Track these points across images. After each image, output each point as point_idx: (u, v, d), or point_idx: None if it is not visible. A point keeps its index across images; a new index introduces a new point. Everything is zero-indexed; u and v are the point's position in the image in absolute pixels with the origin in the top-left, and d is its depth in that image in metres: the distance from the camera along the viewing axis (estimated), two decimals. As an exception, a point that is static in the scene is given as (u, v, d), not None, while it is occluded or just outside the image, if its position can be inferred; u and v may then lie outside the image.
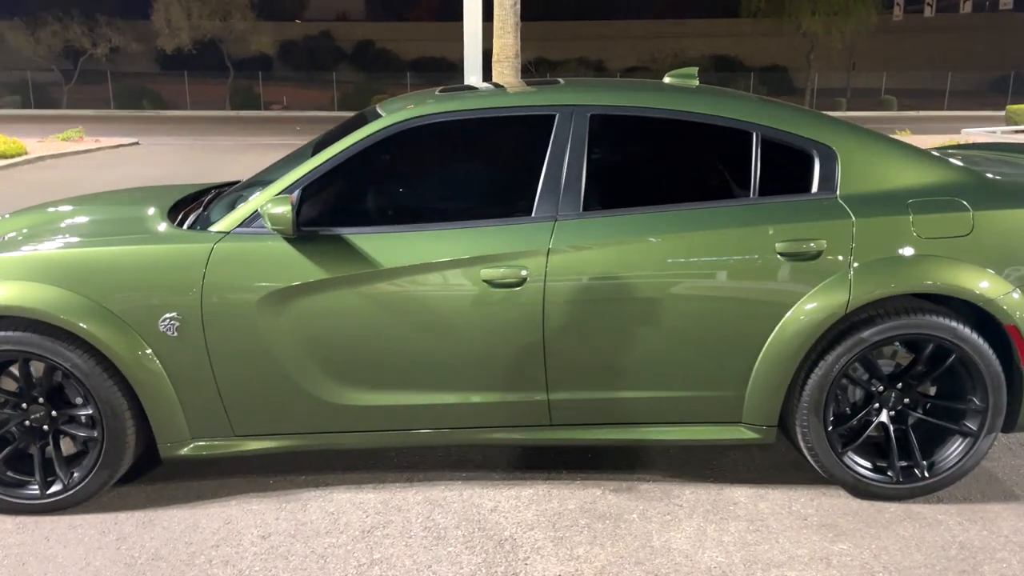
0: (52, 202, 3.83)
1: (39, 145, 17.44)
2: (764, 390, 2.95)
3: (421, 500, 3.06)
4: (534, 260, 2.86)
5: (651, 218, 2.92)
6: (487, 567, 2.65)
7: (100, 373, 2.88)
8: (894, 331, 2.87)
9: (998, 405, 2.93)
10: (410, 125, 3.02)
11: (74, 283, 2.85)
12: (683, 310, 2.90)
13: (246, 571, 2.65)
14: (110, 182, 11.27)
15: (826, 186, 2.96)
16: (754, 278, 2.88)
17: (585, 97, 3.07)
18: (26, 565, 2.70)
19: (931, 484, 3.01)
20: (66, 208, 3.65)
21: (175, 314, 2.86)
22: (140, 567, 2.68)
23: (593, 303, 2.89)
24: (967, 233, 2.87)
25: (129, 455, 3.00)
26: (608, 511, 2.98)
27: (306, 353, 2.91)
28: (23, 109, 31.71)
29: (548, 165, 2.97)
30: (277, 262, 2.87)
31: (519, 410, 3.02)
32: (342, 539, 2.82)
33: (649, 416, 3.05)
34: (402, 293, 2.88)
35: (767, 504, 3.02)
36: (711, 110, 3.04)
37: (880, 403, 3.00)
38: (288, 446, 3.06)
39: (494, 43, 8.68)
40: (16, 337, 2.85)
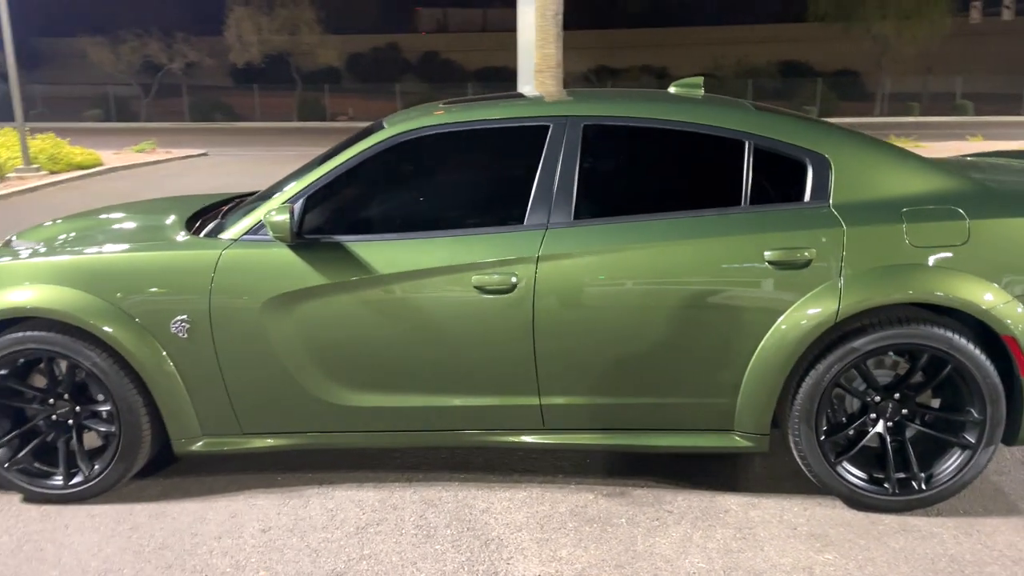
0: (88, 211, 4.07)
1: (114, 157, 18.26)
2: (755, 398, 2.96)
3: (417, 499, 3.15)
4: (524, 267, 2.93)
5: (641, 227, 2.96)
6: (469, 565, 2.73)
7: (118, 372, 3.06)
8: (887, 341, 2.84)
9: (996, 417, 2.87)
10: (408, 137, 3.13)
11: (94, 287, 3.05)
12: (672, 318, 2.93)
13: (243, 562, 2.78)
14: (175, 191, 11.75)
15: (819, 195, 2.96)
16: (743, 287, 2.90)
17: (578, 108, 3.14)
18: (43, 551, 2.89)
19: (928, 496, 2.96)
20: (98, 216, 3.88)
21: (186, 317, 3.03)
22: (147, 555, 2.84)
23: (582, 310, 2.95)
24: (963, 242, 2.83)
25: (145, 450, 3.18)
26: (597, 515, 3.02)
27: (307, 355, 3.04)
28: (105, 122, 33.17)
29: (541, 174, 3.04)
30: (280, 268, 3.01)
31: (512, 414, 3.09)
32: (336, 534, 2.93)
33: (641, 422, 3.08)
34: (397, 298, 2.99)
35: (758, 512, 3.02)
36: (703, 119, 3.07)
37: (877, 413, 2.98)
38: (292, 445, 3.19)
39: (536, 53, 8.78)
40: (42, 337, 3.06)
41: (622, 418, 3.08)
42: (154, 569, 2.76)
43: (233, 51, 33.86)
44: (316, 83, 36.82)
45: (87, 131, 28.34)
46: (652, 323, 2.94)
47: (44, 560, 2.83)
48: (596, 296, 2.94)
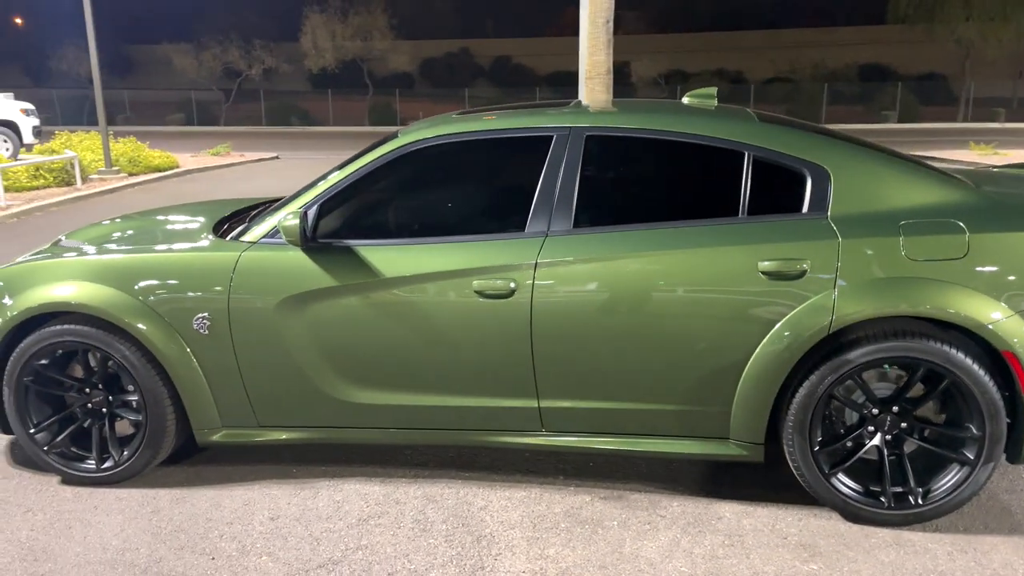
0: (134, 213, 4.34)
1: (191, 159, 19.05)
2: (749, 407, 2.98)
3: (420, 495, 3.28)
4: (522, 273, 3.03)
5: (639, 235, 3.03)
6: (458, 559, 2.83)
7: (145, 365, 3.28)
8: (882, 354, 2.84)
9: (995, 434, 2.83)
10: (419, 147, 3.26)
11: (125, 285, 3.27)
12: (667, 325, 2.98)
13: (248, 547, 2.95)
14: (244, 193, 12.22)
15: (817, 206, 2.97)
16: (737, 296, 2.93)
17: (581, 119, 3.21)
18: (72, 528, 3.11)
19: (924, 512, 2.94)
20: (141, 218, 4.13)
21: (207, 314, 3.22)
22: (163, 536, 3.04)
23: (579, 316, 3.02)
24: (962, 256, 2.80)
25: (170, 438, 3.38)
26: (591, 517, 3.09)
27: (318, 353, 3.20)
28: (186, 126, 34.60)
29: (542, 183, 3.13)
30: (293, 270, 3.17)
31: (512, 416, 3.18)
32: (339, 525, 3.08)
33: (637, 427, 3.14)
34: (401, 301, 3.12)
35: (751, 521, 3.04)
36: (703, 131, 3.11)
37: (874, 426, 2.96)
38: (305, 439, 3.35)
39: (587, 60, 8.84)
40: (78, 330, 3.29)
41: (619, 423, 3.14)
42: (168, 550, 2.95)
43: (308, 57, 34.89)
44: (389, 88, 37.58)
45: (170, 135, 29.59)
46: (647, 330, 2.99)
47: (71, 537, 3.05)
48: (592, 302, 3.01)
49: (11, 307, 3.34)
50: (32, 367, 3.35)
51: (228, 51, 35.01)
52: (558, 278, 3.02)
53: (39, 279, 3.38)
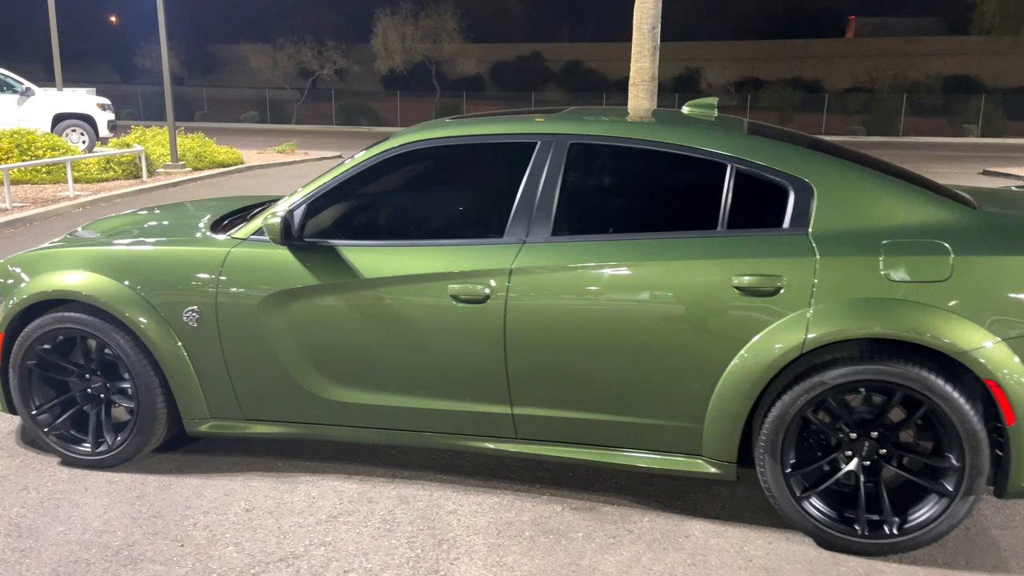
0: (148, 207, 4.49)
1: (257, 156, 19.59)
2: (721, 424, 2.92)
3: (394, 495, 3.30)
4: (497, 279, 3.03)
5: (615, 245, 2.99)
6: (415, 561, 2.85)
7: (138, 354, 3.39)
8: (857, 376, 2.74)
9: (976, 466, 2.71)
10: (405, 150, 3.29)
11: (122, 276, 3.39)
12: (640, 338, 2.94)
13: (218, 537, 3.02)
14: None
15: (799, 222, 2.89)
16: (710, 311, 2.87)
17: (565, 127, 3.19)
18: (59, 508, 3.24)
19: (899, 543, 2.82)
20: (151, 212, 4.28)
21: (196, 308, 3.32)
22: (141, 521, 3.13)
23: (552, 324, 3.00)
24: (945, 278, 2.69)
25: (161, 427, 3.49)
26: (558, 527, 3.07)
27: (299, 350, 3.26)
28: (260, 124, 35.56)
29: (523, 189, 3.13)
30: (276, 268, 3.24)
31: (486, 421, 3.18)
32: (309, 520, 3.13)
33: (611, 439, 3.10)
34: (379, 302, 3.15)
35: (720, 541, 2.97)
36: (687, 141, 3.05)
37: (851, 451, 2.87)
38: (286, 433, 3.42)
39: (631, 67, 8.76)
40: (77, 318, 3.42)
41: (592, 434, 3.11)
42: (142, 534, 3.04)
43: (378, 58, 35.47)
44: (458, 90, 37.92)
45: (243, 131, 30.48)
46: (619, 342, 2.95)
47: (57, 516, 3.17)
48: (565, 311, 2.99)
49: (18, 292, 3.49)
50: (35, 351, 3.50)
51: (302, 51, 35.90)
52: (532, 285, 3.00)
53: (45, 267, 3.53)
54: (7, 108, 16.26)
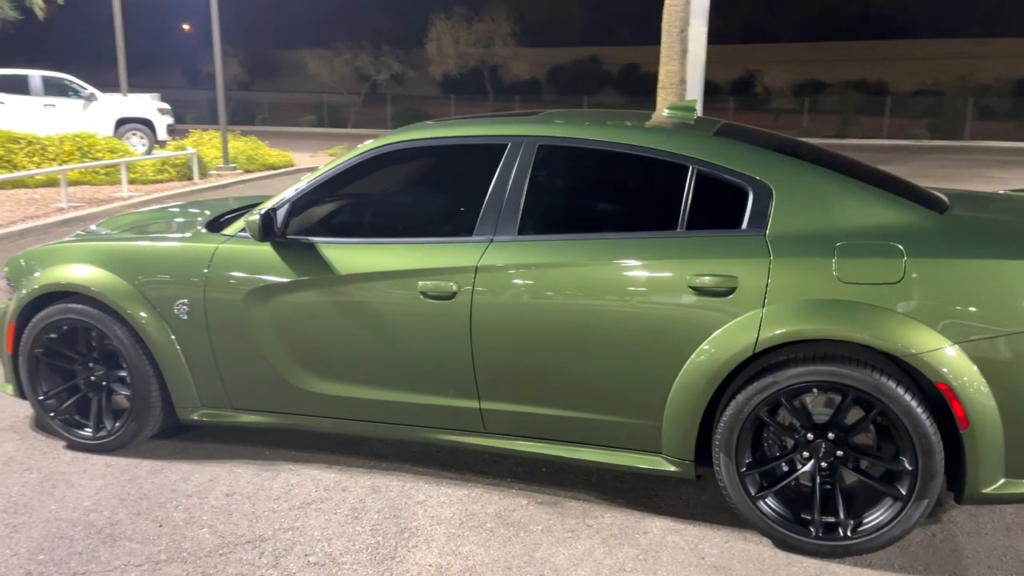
0: (161, 206, 4.70)
1: (308, 158, 20.04)
2: (677, 423, 2.95)
3: (368, 485, 3.41)
4: (463, 276, 3.11)
5: (578, 245, 3.05)
6: (374, 548, 2.95)
7: (134, 344, 3.58)
8: (809, 377, 2.75)
9: (928, 470, 2.69)
10: (382, 151, 3.41)
11: (121, 270, 3.58)
12: (599, 336, 2.99)
13: (195, 519, 3.17)
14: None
15: (757, 223, 2.90)
16: (667, 310, 2.90)
17: (535, 128, 3.26)
18: (56, 488, 3.44)
19: (852, 545, 2.81)
20: (160, 210, 4.49)
21: (187, 301, 3.48)
22: (128, 502, 3.31)
23: (515, 321, 3.08)
24: (897, 280, 2.68)
25: (155, 414, 3.67)
26: (519, 520, 3.14)
27: (279, 343, 3.39)
28: (317, 128, 36.32)
29: (493, 189, 3.21)
30: (259, 263, 3.39)
31: (456, 415, 3.27)
32: (283, 506, 3.26)
33: (575, 436, 3.16)
34: (353, 297, 3.27)
35: (676, 538, 3.00)
36: (651, 143, 3.10)
37: (807, 452, 2.87)
38: (269, 423, 3.56)
39: (660, 70, 8.75)
40: (80, 309, 3.63)
41: (557, 429, 3.17)
42: (127, 515, 3.21)
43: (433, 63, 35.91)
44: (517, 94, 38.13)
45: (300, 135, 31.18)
46: (580, 339, 3.01)
47: (52, 496, 3.37)
48: (527, 308, 3.06)
49: (28, 284, 3.72)
50: (42, 340, 3.72)
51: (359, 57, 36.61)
52: (496, 283, 3.08)
53: (53, 261, 3.74)
54: (72, 113, 17.02)
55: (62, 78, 17.45)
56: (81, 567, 2.87)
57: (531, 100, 38.51)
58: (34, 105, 16.75)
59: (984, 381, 2.61)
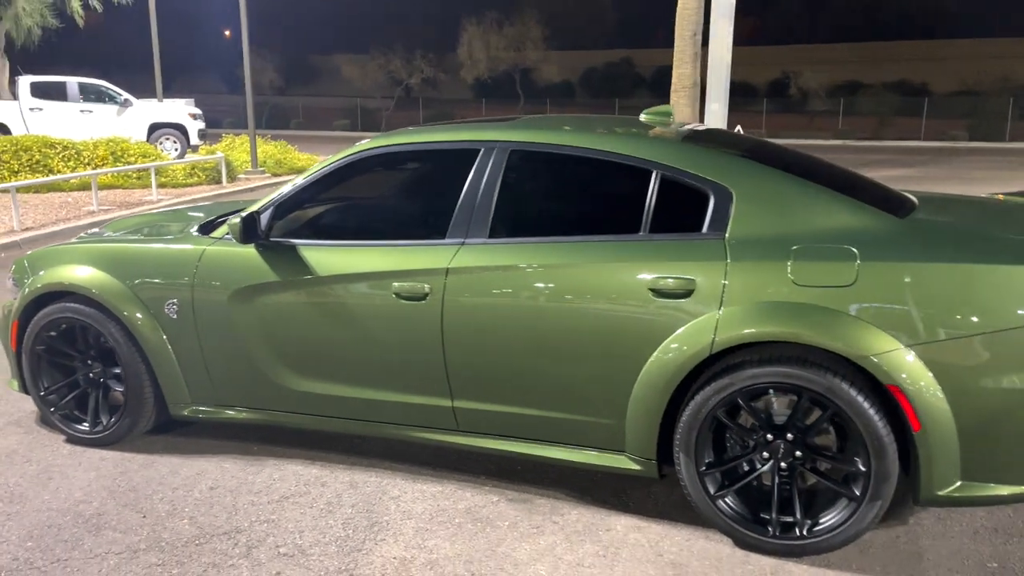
0: (163, 209, 4.86)
1: (337, 162, 20.29)
2: (639, 422, 3.01)
3: (346, 481, 3.52)
4: (434, 278, 3.20)
5: (544, 248, 3.12)
6: (343, 540, 3.05)
7: (128, 342, 3.72)
8: (764, 378, 2.79)
9: (881, 472, 2.71)
10: (364, 156, 3.51)
11: (115, 270, 3.73)
12: (564, 336, 3.05)
13: (179, 510, 3.30)
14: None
15: (717, 226, 2.95)
16: (628, 312, 2.96)
17: (507, 134, 3.34)
18: (51, 480, 3.59)
19: (808, 545, 2.84)
20: (161, 213, 4.64)
21: (176, 300, 3.62)
22: (117, 494, 3.45)
23: (483, 321, 3.15)
24: (850, 283, 2.71)
25: (148, 410, 3.81)
26: (487, 516, 3.21)
27: (262, 341, 3.51)
28: (351, 132, 36.76)
29: (465, 193, 3.29)
30: (243, 265, 3.51)
31: (430, 413, 3.36)
32: (263, 499, 3.37)
33: (543, 434, 3.23)
34: (331, 298, 3.37)
35: (639, 536, 3.06)
36: (617, 148, 3.16)
37: (767, 452, 2.90)
38: (255, 419, 3.68)
39: (673, 72, 8.75)
40: (77, 308, 3.79)
41: (526, 428, 3.24)
42: (114, 505, 3.35)
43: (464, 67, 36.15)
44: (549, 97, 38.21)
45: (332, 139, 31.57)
46: (546, 340, 3.08)
47: (46, 487, 3.53)
48: (496, 310, 3.13)
49: (31, 284, 3.88)
50: (43, 338, 3.88)
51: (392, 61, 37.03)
52: (465, 285, 3.16)
53: (55, 261, 3.91)
54: (108, 118, 17.49)
55: (98, 84, 17.94)
56: (65, 554, 3.01)
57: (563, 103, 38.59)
58: (71, 111, 17.25)
59: (937, 384, 2.63)
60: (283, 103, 39.12)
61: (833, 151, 27.59)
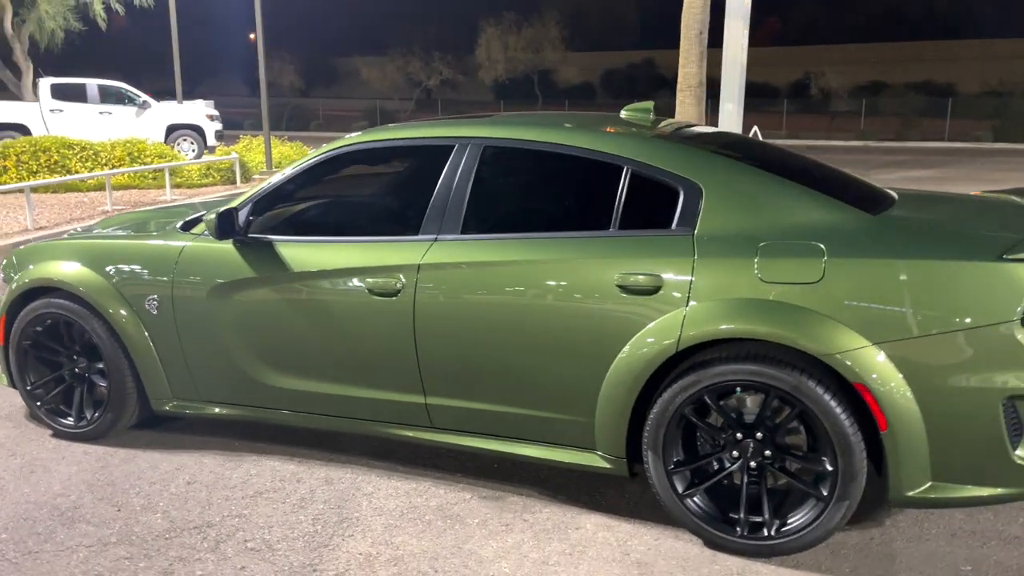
0: (158, 206, 4.90)
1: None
2: (608, 420, 2.98)
3: (322, 477, 3.52)
4: (407, 274, 3.20)
5: (515, 244, 3.11)
6: (310, 536, 3.05)
7: (110, 337, 3.76)
8: (731, 376, 2.75)
9: (848, 471, 2.67)
10: (341, 152, 3.52)
11: (98, 266, 3.76)
12: (534, 333, 3.03)
13: (154, 504, 3.32)
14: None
15: (686, 222, 2.92)
16: (596, 308, 2.94)
17: (480, 130, 3.33)
18: (34, 473, 3.63)
19: (775, 546, 2.81)
20: (154, 211, 4.68)
21: (156, 296, 3.65)
22: (95, 488, 3.48)
23: (454, 318, 3.14)
24: (817, 280, 2.67)
25: (132, 405, 3.84)
26: (459, 513, 3.20)
27: (240, 337, 3.53)
28: (370, 132, 36.93)
29: (439, 189, 3.29)
30: (221, 261, 3.53)
31: (403, 410, 3.35)
32: (237, 495, 3.38)
33: (515, 431, 3.21)
34: (306, 294, 3.38)
35: (607, 535, 3.03)
36: (588, 144, 3.14)
37: (736, 451, 2.87)
38: (234, 415, 3.70)
39: (679, 72, 8.70)
40: (61, 304, 3.82)
41: (499, 425, 3.22)
42: (91, 499, 3.38)
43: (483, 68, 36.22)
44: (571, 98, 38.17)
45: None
46: (517, 336, 3.06)
47: (28, 480, 3.56)
48: (466, 306, 3.12)
49: (19, 279, 3.93)
50: (29, 333, 3.93)
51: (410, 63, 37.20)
52: (437, 281, 3.16)
53: (42, 257, 3.95)
54: (126, 119, 17.71)
55: (118, 86, 18.18)
56: (37, 546, 3.04)
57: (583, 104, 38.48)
58: (90, 112, 17.49)
59: (905, 382, 2.58)
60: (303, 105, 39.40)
61: (854, 152, 27.33)
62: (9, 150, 13.92)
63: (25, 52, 23.11)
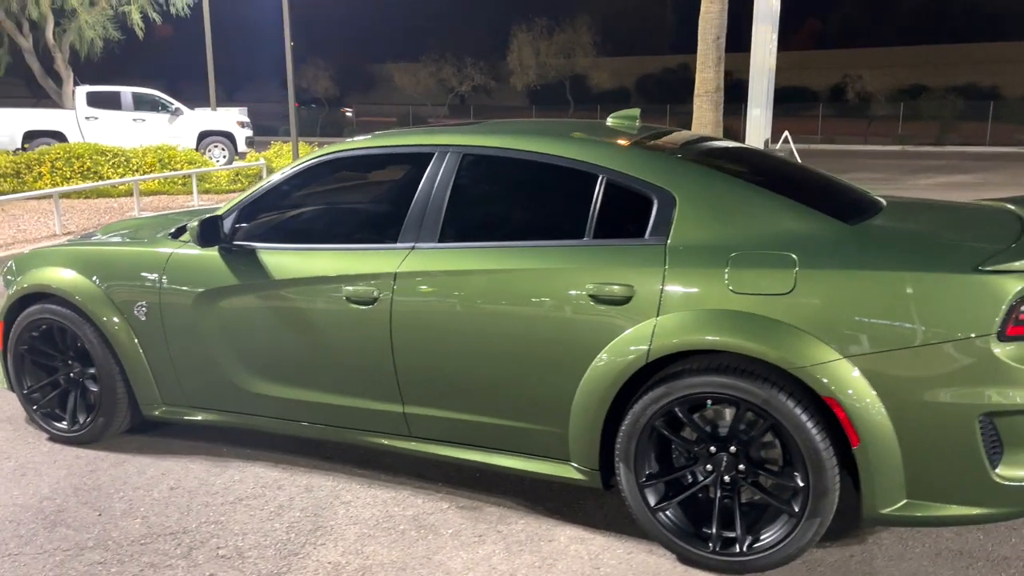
0: (158, 213, 4.96)
1: (382, 169, 20.56)
2: (580, 431, 2.94)
3: (303, 485, 3.52)
4: (383, 282, 3.19)
5: (490, 253, 3.08)
6: (282, 544, 3.05)
7: (101, 343, 3.80)
8: (701, 388, 2.70)
9: (820, 488, 2.59)
10: (325, 160, 3.53)
11: (89, 272, 3.81)
12: (508, 342, 3.01)
13: (133, 510, 3.35)
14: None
15: (659, 232, 2.87)
16: (568, 318, 2.90)
17: (460, 138, 3.31)
18: (25, 476, 3.69)
19: (747, 562, 2.74)
20: (152, 218, 4.73)
21: (145, 303, 3.68)
22: (81, 492, 3.52)
23: (430, 327, 3.13)
24: (788, 291, 2.60)
25: (122, 410, 3.89)
26: (433, 523, 3.18)
27: (224, 344, 3.55)
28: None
29: (417, 198, 3.28)
30: (205, 268, 3.55)
31: (382, 418, 3.34)
32: (217, 501, 3.40)
33: (491, 441, 3.18)
34: (287, 302, 3.38)
35: (580, 548, 2.98)
36: (564, 152, 3.10)
37: (709, 464, 2.81)
38: (220, 421, 3.72)
39: (696, 77, 8.61)
40: (54, 310, 3.88)
41: (476, 435, 3.20)
42: (75, 503, 3.42)
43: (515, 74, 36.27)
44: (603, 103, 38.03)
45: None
46: (490, 346, 3.04)
47: (18, 483, 3.62)
48: (442, 314, 3.10)
49: (17, 284, 4.00)
50: (25, 338, 3.99)
51: (443, 69, 37.41)
52: (412, 289, 3.14)
53: (39, 263, 4.01)
54: (159, 126, 18.03)
55: (152, 94, 18.52)
56: (17, 548, 3.08)
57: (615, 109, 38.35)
58: (124, 119, 17.84)
59: (878, 397, 2.51)
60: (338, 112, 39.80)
61: (891, 157, 26.85)
62: (44, 156, 14.27)
63: (66, 61, 23.65)
